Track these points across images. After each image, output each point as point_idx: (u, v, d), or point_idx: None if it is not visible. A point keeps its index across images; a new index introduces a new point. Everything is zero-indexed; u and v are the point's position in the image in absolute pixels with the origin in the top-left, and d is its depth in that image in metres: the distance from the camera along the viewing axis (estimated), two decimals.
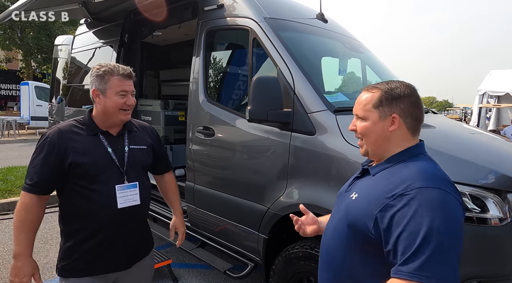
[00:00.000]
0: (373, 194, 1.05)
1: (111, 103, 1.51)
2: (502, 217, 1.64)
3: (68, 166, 1.44)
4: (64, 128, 1.51)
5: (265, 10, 2.55)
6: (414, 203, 0.93)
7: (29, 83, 15.57)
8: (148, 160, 1.70)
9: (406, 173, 1.03)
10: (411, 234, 0.91)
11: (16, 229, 1.44)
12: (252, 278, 3.04)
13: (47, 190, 1.48)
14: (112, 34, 4.03)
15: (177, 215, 1.96)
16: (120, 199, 1.52)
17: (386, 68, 3.46)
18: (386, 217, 0.97)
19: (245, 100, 2.68)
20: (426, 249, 0.88)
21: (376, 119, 1.12)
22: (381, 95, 1.12)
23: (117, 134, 1.59)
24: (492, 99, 12.06)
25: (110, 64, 1.53)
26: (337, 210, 1.22)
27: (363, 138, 1.17)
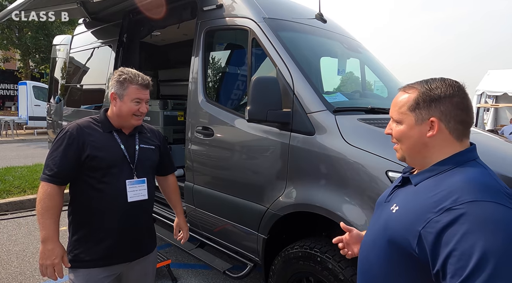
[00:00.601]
0: (415, 207, 0.92)
1: (125, 108, 1.64)
2: None
3: (85, 158, 1.56)
4: (82, 124, 1.64)
5: (264, 10, 2.55)
6: (466, 220, 0.80)
7: (27, 83, 15.51)
8: (155, 160, 1.82)
9: (453, 183, 0.89)
10: (462, 255, 0.77)
11: (41, 216, 1.52)
12: (252, 278, 3.04)
13: (65, 180, 1.59)
14: (111, 34, 4.03)
15: (179, 215, 2.07)
16: (130, 193, 1.63)
17: (385, 69, 3.47)
18: (432, 234, 0.83)
19: (244, 100, 2.68)
20: (481, 275, 0.74)
21: (412, 123, 1.00)
22: (418, 96, 1.00)
23: (129, 134, 1.72)
24: (490, 99, 12.10)
25: (131, 72, 1.65)
26: (376, 220, 1.11)
27: (399, 143, 1.06)
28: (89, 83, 4.56)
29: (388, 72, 3.44)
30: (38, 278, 3.09)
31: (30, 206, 4.92)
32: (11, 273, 3.16)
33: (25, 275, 3.12)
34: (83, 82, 4.66)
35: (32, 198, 5.01)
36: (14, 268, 3.24)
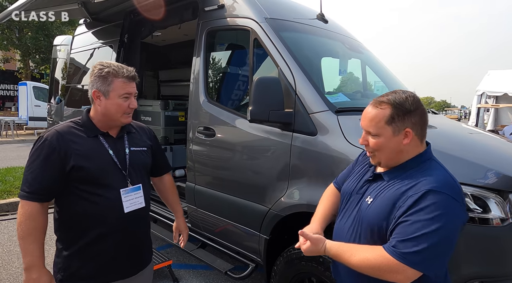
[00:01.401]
0: (388, 199, 1.14)
1: (114, 106, 1.45)
2: (504, 217, 1.64)
3: (70, 170, 1.37)
4: (62, 130, 1.43)
5: (266, 10, 2.55)
6: (423, 202, 1.06)
7: (27, 83, 15.51)
8: (149, 162, 1.67)
9: (419, 178, 1.12)
10: (416, 223, 1.04)
11: (23, 240, 1.35)
12: (253, 278, 3.03)
13: (49, 196, 1.40)
14: (112, 34, 4.02)
15: (179, 217, 1.95)
16: (126, 203, 1.48)
17: (386, 69, 3.46)
18: (398, 212, 1.09)
19: (246, 101, 2.68)
20: (425, 242, 1.02)
21: (390, 135, 1.17)
22: (393, 112, 1.16)
23: (117, 136, 1.54)
24: (490, 99, 12.10)
25: (113, 65, 1.46)
26: (348, 208, 1.30)
27: (375, 152, 1.21)
28: None
29: (389, 72, 3.44)
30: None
31: None
32: (12, 273, 3.16)
33: None
34: (83, 82, 4.66)
35: None
36: (15, 269, 3.24)
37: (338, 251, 1.17)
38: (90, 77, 1.47)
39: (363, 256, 1.10)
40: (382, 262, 1.06)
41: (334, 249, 1.19)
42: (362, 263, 1.10)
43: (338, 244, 1.20)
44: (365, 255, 1.10)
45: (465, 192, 1.65)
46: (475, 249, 1.62)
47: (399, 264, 1.04)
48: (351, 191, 1.32)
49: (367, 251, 1.11)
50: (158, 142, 1.81)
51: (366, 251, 1.11)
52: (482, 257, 1.64)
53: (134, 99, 1.52)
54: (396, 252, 1.04)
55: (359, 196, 1.27)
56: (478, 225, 1.63)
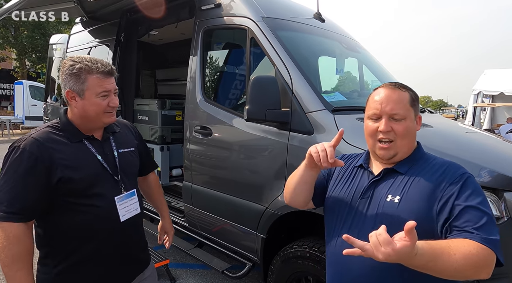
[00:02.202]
0: (424, 192, 1.05)
1: (91, 107, 1.28)
2: (499, 215, 1.65)
3: (57, 182, 1.21)
4: (41, 137, 1.24)
5: (263, 9, 2.55)
6: (469, 186, 1.03)
7: (23, 82, 15.44)
8: (138, 163, 1.55)
9: (441, 166, 1.10)
10: (476, 209, 0.98)
11: (8, 268, 1.17)
12: (250, 277, 3.04)
13: (34, 214, 1.23)
14: (108, 33, 4.01)
15: (164, 217, 1.83)
16: (121, 211, 1.36)
17: (383, 68, 3.47)
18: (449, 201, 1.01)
19: (243, 100, 2.67)
20: (491, 222, 0.97)
21: (413, 118, 1.14)
22: (411, 94, 1.15)
23: (103, 139, 1.39)
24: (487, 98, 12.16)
25: (85, 59, 1.28)
26: (355, 217, 1.13)
27: (396, 141, 1.10)
28: None
29: (386, 71, 3.45)
30: None
31: None
32: None
33: None
34: None
35: None
36: None
37: (434, 251, 0.88)
38: (60, 75, 1.29)
39: (464, 251, 0.89)
40: (485, 256, 0.91)
41: (427, 249, 0.87)
42: (466, 260, 0.88)
43: (426, 243, 0.89)
44: (465, 251, 0.89)
45: None
46: None
47: (492, 254, 0.93)
48: (350, 199, 1.17)
49: (459, 246, 0.91)
50: (142, 139, 1.68)
51: (458, 246, 0.91)
52: None
53: (115, 96, 1.34)
54: (488, 240, 0.92)
55: (365, 200, 1.13)
56: None
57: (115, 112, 1.37)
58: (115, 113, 1.38)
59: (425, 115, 2.76)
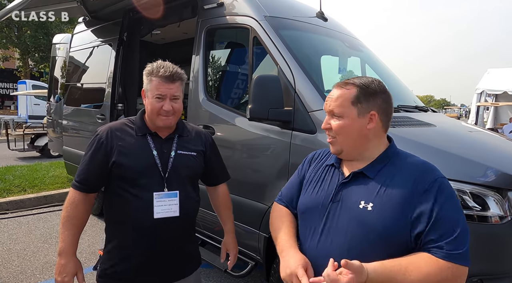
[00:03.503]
0: (398, 199, 1.01)
1: (149, 106, 1.42)
2: (503, 215, 1.65)
3: (112, 165, 1.39)
4: (115, 126, 1.47)
5: (265, 8, 2.55)
6: (442, 194, 1.00)
7: (26, 82, 15.53)
8: (197, 168, 1.55)
9: (414, 168, 1.06)
10: (450, 218, 0.98)
11: (62, 225, 1.40)
12: (253, 277, 3.04)
13: (92, 188, 1.44)
14: (111, 32, 4.02)
15: (229, 233, 1.76)
16: (157, 208, 1.39)
17: (385, 67, 3.46)
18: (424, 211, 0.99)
19: (245, 99, 2.68)
20: (462, 233, 0.97)
21: (354, 116, 1.09)
22: (358, 92, 1.09)
23: (166, 138, 1.48)
24: (490, 98, 12.10)
25: (157, 63, 1.43)
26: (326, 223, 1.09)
27: (337, 137, 1.12)
28: (89, 82, 4.56)
29: (389, 71, 3.43)
30: (39, 276, 3.09)
31: (30, 205, 4.92)
32: (12, 272, 3.16)
33: (26, 274, 3.12)
34: (83, 81, 4.66)
35: (33, 197, 5.00)
36: (15, 267, 3.24)
37: (389, 274, 0.92)
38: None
39: (420, 273, 0.92)
40: (443, 272, 0.92)
41: (380, 271, 0.92)
42: (425, 281, 0.92)
43: (380, 264, 0.94)
44: (422, 272, 0.92)
45: (464, 189, 1.65)
46: (474, 247, 1.62)
47: (460, 267, 0.94)
48: (322, 203, 1.13)
49: (418, 265, 0.94)
50: (215, 149, 1.69)
51: (417, 265, 0.93)
52: (481, 255, 1.65)
53: (171, 102, 1.41)
54: (454, 256, 0.94)
55: (337, 204, 1.10)
56: (476, 222, 1.64)
57: (172, 117, 1.44)
58: (171, 118, 1.44)
59: (428, 114, 2.75)
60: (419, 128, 2.18)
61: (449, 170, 1.71)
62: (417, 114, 2.57)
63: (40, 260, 3.39)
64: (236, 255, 1.75)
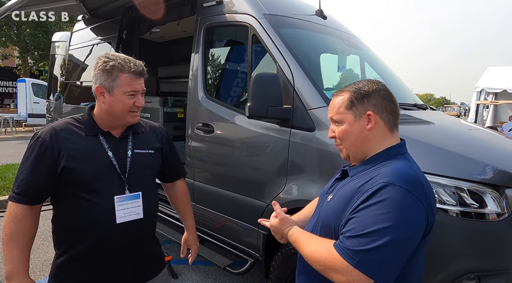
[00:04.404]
0: (345, 195, 1.07)
1: (118, 104, 1.30)
2: (500, 212, 1.66)
3: (61, 171, 1.24)
4: (59, 127, 1.29)
5: (264, 6, 2.55)
6: (376, 197, 0.96)
7: (26, 80, 15.48)
8: (156, 166, 1.49)
9: (377, 172, 1.03)
10: (366, 219, 0.95)
11: (6, 245, 1.21)
12: (252, 274, 3.05)
13: (38, 199, 1.27)
14: (110, 30, 4.02)
15: (190, 229, 1.74)
16: (119, 212, 1.30)
17: (385, 65, 3.47)
18: (351, 208, 1.01)
19: (245, 97, 2.68)
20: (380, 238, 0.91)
21: (351, 120, 1.12)
22: (351, 95, 1.13)
23: (120, 137, 1.38)
24: (490, 96, 12.09)
25: (120, 57, 1.31)
26: (316, 211, 1.25)
27: (342, 143, 1.17)
28: (88, 80, 4.55)
29: (388, 69, 3.44)
30: (39, 274, 3.10)
31: None
32: None
33: None
34: (82, 79, 4.65)
35: None
36: None
37: (297, 238, 1.12)
38: (93, 70, 1.32)
39: (314, 248, 1.04)
40: (327, 258, 0.97)
41: (295, 235, 1.13)
42: (311, 255, 1.03)
43: (302, 232, 1.14)
44: (315, 248, 1.03)
45: (462, 187, 1.66)
46: (472, 244, 1.64)
47: (343, 262, 0.93)
48: (323, 193, 1.26)
49: (320, 243, 1.04)
50: (171, 144, 1.62)
51: (319, 243, 1.04)
52: (479, 251, 1.66)
53: (141, 97, 1.36)
54: (342, 248, 0.95)
55: (326, 196, 1.21)
56: (474, 219, 1.65)
57: (139, 113, 1.38)
58: (138, 114, 1.39)
59: (427, 112, 2.75)
60: (418, 126, 2.19)
61: (447, 167, 1.73)
62: (416, 112, 2.58)
63: (40, 257, 3.40)
64: (197, 250, 1.76)
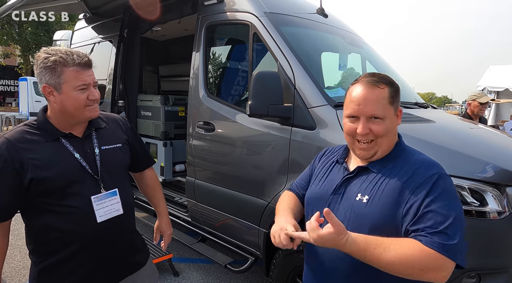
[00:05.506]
0: (392, 193, 1.02)
1: (70, 101, 1.21)
2: (501, 210, 1.66)
3: (29, 183, 1.18)
4: (14, 137, 1.20)
5: (265, 4, 2.55)
6: (437, 188, 0.99)
7: (27, 79, 15.49)
8: (126, 159, 1.45)
9: (415, 164, 1.05)
10: (441, 211, 0.95)
11: None
12: (253, 272, 3.06)
13: (5, 215, 1.22)
14: (112, 29, 4.02)
15: (162, 216, 1.71)
16: (98, 211, 1.28)
17: (386, 64, 3.46)
18: (414, 204, 0.99)
19: (245, 96, 2.68)
20: (452, 227, 0.94)
21: (392, 116, 1.08)
22: (391, 90, 1.08)
23: (83, 136, 1.31)
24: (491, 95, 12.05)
25: (60, 51, 1.21)
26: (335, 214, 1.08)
27: (377, 140, 1.07)
28: None
29: (389, 67, 3.43)
30: None
31: None
32: (14, 267, 3.19)
33: (28, 269, 3.14)
34: None
35: None
36: (17, 262, 3.27)
37: (367, 244, 0.94)
38: (35, 69, 1.23)
39: (400, 252, 0.92)
40: (424, 258, 0.91)
41: (360, 240, 0.95)
42: (399, 260, 0.92)
43: (364, 236, 0.97)
44: (401, 251, 0.92)
45: (463, 185, 1.66)
46: (472, 242, 1.63)
47: (444, 258, 0.91)
48: (324, 195, 1.16)
49: (402, 245, 0.94)
50: (135, 134, 1.58)
51: (401, 245, 0.94)
52: (479, 250, 1.66)
53: (95, 89, 1.27)
54: (438, 244, 0.92)
55: (338, 196, 1.12)
56: (475, 218, 1.65)
57: (97, 105, 1.30)
58: (97, 107, 1.30)
59: (428, 110, 2.75)
60: (419, 124, 2.19)
61: (448, 166, 1.71)
62: (417, 110, 2.57)
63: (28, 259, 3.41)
64: (170, 235, 1.72)
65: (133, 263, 1.46)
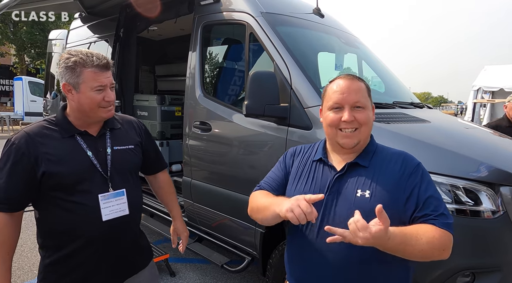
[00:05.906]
0: (391, 185, 1.11)
1: (86, 100, 1.28)
2: (495, 209, 1.67)
3: (41, 176, 1.23)
4: (33, 131, 1.26)
5: (262, 4, 2.55)
6: (424, 176, 1.14)
7: (22, 78, 15.41)
8: (137, 161, 1.49)
9: (399, 156, 1.18)
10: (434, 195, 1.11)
11: None
12: (249, 272, 3.07)
13: (18, 206, 1.27)
14: (107, 28, 4.00)
15: (177, 218, 1.75)
16: (104, 210, 1.31)
17: (382, 64, 3.47)
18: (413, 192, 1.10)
19: (242, 95, 2.68)
20: (446, 207, 1.11)
21: (370, 107, 1.19)
22: (366, 85, 1.20)
23: (98, 135, 1.37)
24: (487, 94, 12.14)
25: (82, 53, 1.28)
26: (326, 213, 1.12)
27: (360, 128, 1.15)
28: None
29: (385, 67, 3.45)
30: (36, 272, 3.09)
31: None
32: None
33: (23, 270, 3.13)
34: None
35: None
36: (13, 263, 3.24)
37: (404, 236, 0.98)
38: (58, 68, 1.30)
39: (429, 236, 1.01)
40: (446, 239, 1.04)
41: (397, 234, 0.97)
42: (428, 244, 1.00)
43: (396, 228, 0.99)
44: (430, 236, 1.01)
45: (457, 184, 1.67)
46: (466, 241, 1.65)
47: (450, 235, 1.05)
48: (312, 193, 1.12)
49: (426, 231, 1.02)
50: (150, 137, 1.62)
51: (425, 231, 1.02)
52: (473, 249, 1.67)
53: (111, 91, 1.32)
54: (448, 225, 1.05)
55: (333, 195, 1.13)
56: (469, 217, 1.66)
57: (112, 107, 1.35)
58: (112, 108, 1.35)
59: (423, 110, 2.77)
60: (414, 124, 2.20)
61: (442, 165, 1.74)
62: (412, 110, 2.59)
63: (37, 256, 3.39)
64: (187, 237, 1.77)
65: (136, 263, 1.49)
